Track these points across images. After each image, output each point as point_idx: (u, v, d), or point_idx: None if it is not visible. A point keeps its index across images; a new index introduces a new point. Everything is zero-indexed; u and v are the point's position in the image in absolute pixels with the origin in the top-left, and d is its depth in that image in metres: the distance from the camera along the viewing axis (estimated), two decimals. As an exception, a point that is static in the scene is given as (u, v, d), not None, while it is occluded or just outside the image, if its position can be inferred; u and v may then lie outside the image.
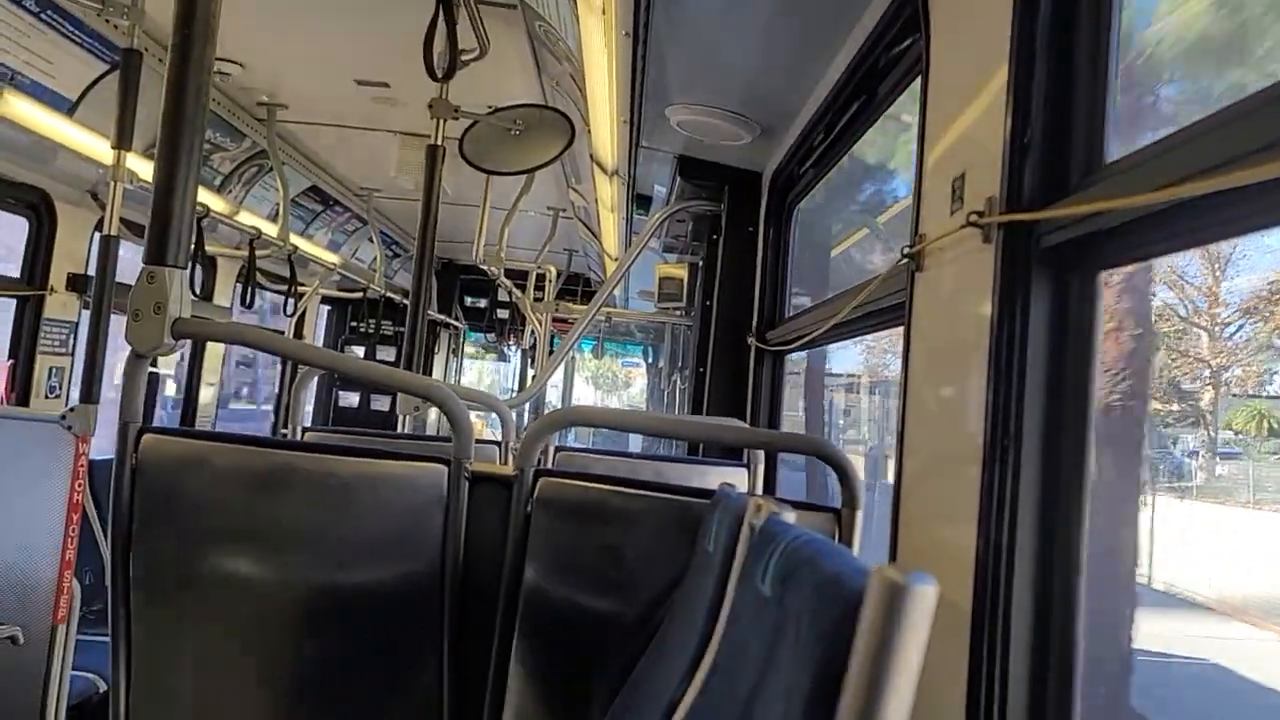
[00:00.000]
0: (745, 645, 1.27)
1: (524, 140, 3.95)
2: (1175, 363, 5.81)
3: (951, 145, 1.91)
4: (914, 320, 2.02)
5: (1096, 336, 1.55)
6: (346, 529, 2.23)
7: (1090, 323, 1.55)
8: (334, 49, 4.33)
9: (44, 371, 4.68)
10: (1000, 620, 1.52)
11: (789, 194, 4.29)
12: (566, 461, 3.71)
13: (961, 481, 1.65)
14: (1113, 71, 1.57)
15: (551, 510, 2.28)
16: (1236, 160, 1.07)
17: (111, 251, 3.43)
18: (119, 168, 3.38)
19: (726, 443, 3.93)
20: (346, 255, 8.16)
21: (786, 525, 1.36)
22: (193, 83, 2.07)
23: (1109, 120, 1.55)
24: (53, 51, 3.71)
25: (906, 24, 2.49)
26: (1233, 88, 1.63)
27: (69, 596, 3.08)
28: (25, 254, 4.68)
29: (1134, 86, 1.88)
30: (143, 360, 2.17)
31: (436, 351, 10.93)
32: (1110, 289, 2.05)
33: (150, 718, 2.30)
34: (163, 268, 2.07)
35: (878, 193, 4.62)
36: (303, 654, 2.28)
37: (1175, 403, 6.00)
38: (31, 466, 3.07)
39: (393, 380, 2.72)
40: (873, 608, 0.83)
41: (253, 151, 5.62)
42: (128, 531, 2.22)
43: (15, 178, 4.39)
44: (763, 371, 4.41)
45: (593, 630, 2.25)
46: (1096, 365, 1.55)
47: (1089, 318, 1.55)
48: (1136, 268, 2.31)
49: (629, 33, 2.73)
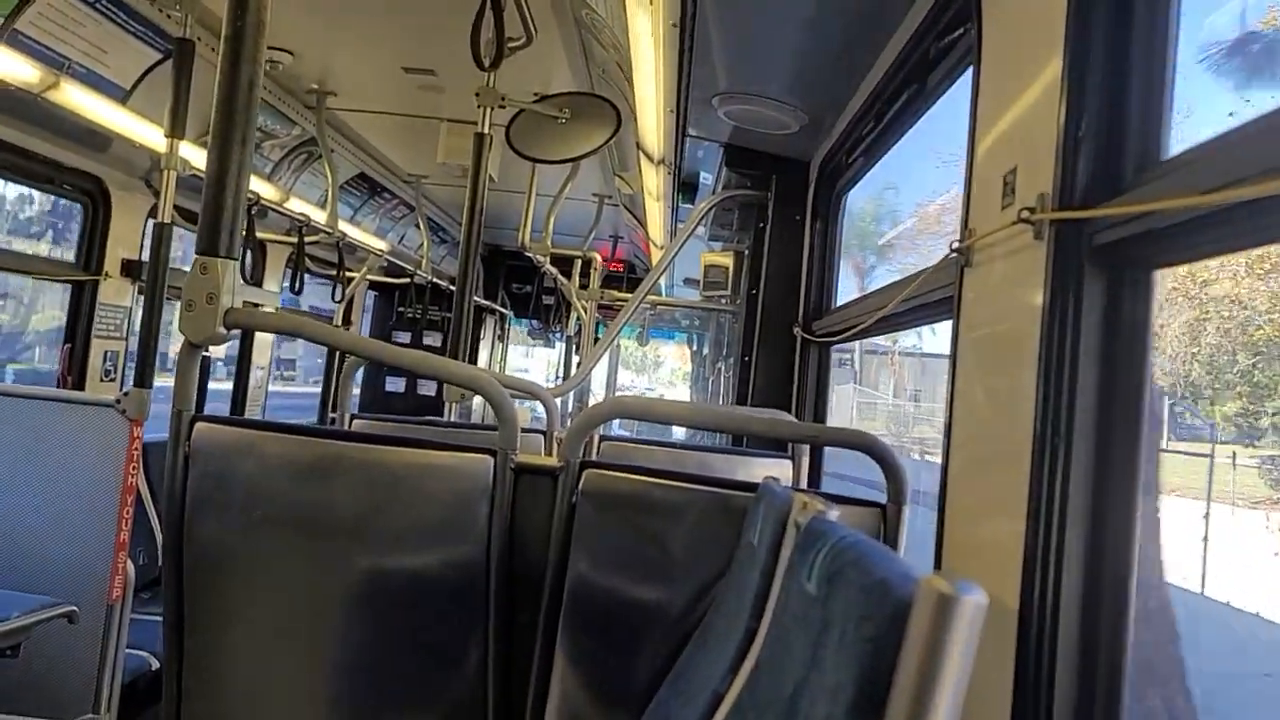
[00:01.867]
0: (790, 643, 1.27)
1: (570, 128, 3.94)
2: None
3: (1003, 138, 1.89)
4: (963, 315, 2.00)
5: (1150, 335, 1.53)
6: (393, 518, 2.26)
7: (1144, 321, 1.52)
8: (383, 37, 4.35)
9: (99, 356, 4.77)
10: (1049, 620, 1.50)
11: (837, 183, 4.25)
12: (611, 452, 3.72)
13: (1010, 479, 1.63)
14: (1171, 63, 1.53)
15: (596, 502, 2.29)
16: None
17: (165, 238, 3.48)
18: (172, 155, 3.42)
19: (770, 436, 3.92)
20: (394, 241, 8.22)
21: (832, 524, 1.36)
22: (244, 76, 2.09)
23: (1166, 114, 1.52)
24: (108, 40, 3.76)
25: (959, 13, 2.46)
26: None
27: (123, 576, 3.14)
28: (80, 240, 4.77)
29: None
30: (196, 350, 2.21)
31: (482, 337, 10.99)
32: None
33: (201, 696, 2.35)
34: (215, 259, 2.10)
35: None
36: (349, 638, 2.32)
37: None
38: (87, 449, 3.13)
39: (438, 370, 2.74)
40: (921, 617, 0.83)
41: (302, 139, 5.67)
42: (180, 515, 2.27)
43: (71, 164, 4.47)
44: (809, 362, 4.39)
45: (637, 621, 2.25)
46: (1150, 364, 1.53)
47: (1143, 316, 1.52)
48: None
49: (676, 24, 2.72)
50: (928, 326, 3.57)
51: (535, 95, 3.95)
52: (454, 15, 3.60)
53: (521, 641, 2.33)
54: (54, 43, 3.52)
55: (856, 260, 17.61)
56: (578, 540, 2.29)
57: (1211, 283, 4.63)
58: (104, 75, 3.87)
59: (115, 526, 3.10)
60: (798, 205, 4.60)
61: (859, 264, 18.81)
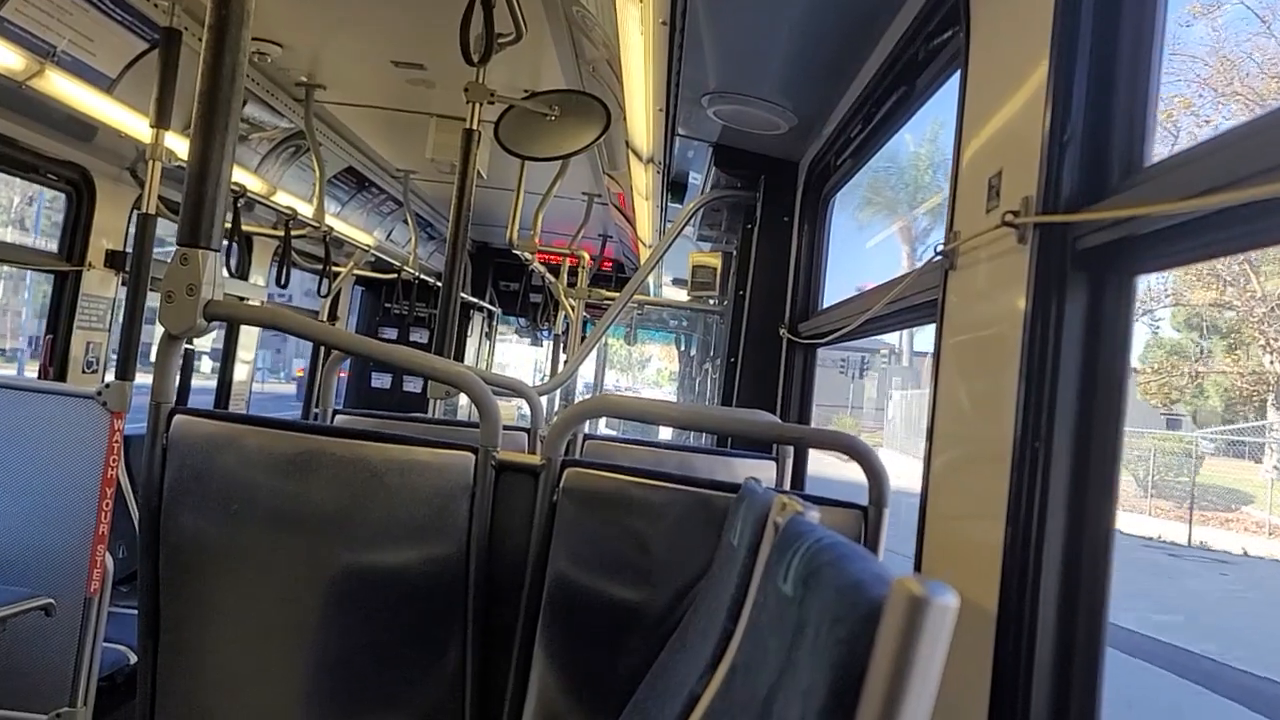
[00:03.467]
0: (766, 644, 1.27)
1: (559, 126, 3.94)
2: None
3: (989, 141, 1.89)
4: (946, 318, 2.00)
5: (1130, 340, 1.53)
6: (374, 513, 2.25)
7: (1125, 326, 1.53)
8: (372, 30, 4.34)
9: (81, 347, 4.74)
10: (1026, 622, 1.50)
11: (825, 184, 4.25)
12: (595, 451, 3.71)
13: (990, 481, 1.64)
14: (1155, 70, 1.53)
15: (578, 500, 2.29)
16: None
17: (149, 229, 3.46)
18: (157, 146, 3.41)
19: (754, 437, 3.92)
20: (381, 237, 8.20)
21: (810, 525, 1.35)
22: (228, 65, 2.08)
23: (1150, 120, 1.52)
24: (94, 29, 3.74)
25: (947, 16, 2.46)
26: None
27: (101, 570, 3.13)
28: (64, 230, 4.74)
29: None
30: (175, 341, 2.19)
31: (469, 335, 10.97)
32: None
33: (177, 691, 2.33)
34: (196, 249, 2.08)
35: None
36: (328, 634, 2.30)
37: None
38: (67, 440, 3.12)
39: (423, 367, 2.74)
40: (893, 619, 0.83)
41: (290, 131, 5.65)
42: (158, 509, 2.25)
43: (55, 154, 4.44)
44: (794, 363, 4.39)
45: (617, 620, 2.25)
46: (1129, 369, 1.53)
47: (1124, 321, 1.53)
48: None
49: (666, 21, 2.71)
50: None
51: (525, 92, 3.95)
52: (444, 10, 3.59)
53: (500, 640, 2.32)
54: (40, 30, 3.50)
55: (906, 222, 17.22)
56: (558, 538, 2.29)
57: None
58: (90, 64, 3.84)
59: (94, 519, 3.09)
60: (786, 206, 4.60)
61: (908, 227, 18.51)
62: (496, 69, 3.66)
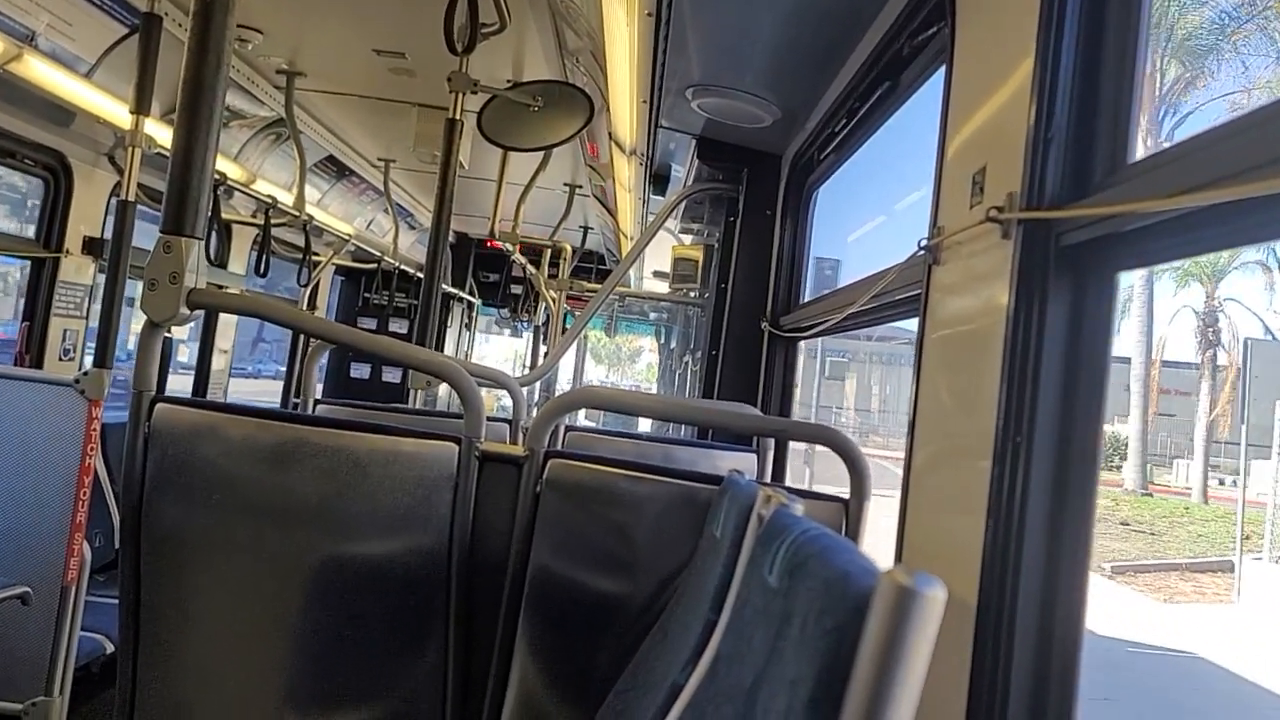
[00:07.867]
0: (750, 635, 1.28)
1: (542, 116, 3.93)
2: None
3: (973, 137, 1.90)
4: (929, 312, 2.01)
5: (1111, 336, 1.55)
6: (356, 503, 2.25)
7: (1107, 322, 1.54)
8: (354, 18, 4.30)
9: (58, 334, 4.70)
10: (1005, 616, 1.51)
11: (808, 178, 4.26)
12: (577, 442, 3.71)
13: (972, 475, 1.65)
14: (1139, 68, 1.55)
15: (561, 491, 2.29)
16: (1263, 167, 1.06)
17: (129, 216, 3.43)
18: (137, 132, 3.37)
19: (737, 429, 3.94)
20: (361, 226, 8.15)
21: (795, 517, 1.36)
22: (213, 51, 2.06)
23: (1134, 118, 1.53)
24: (73, 13, 3.70)
25: (932, 11, 2.47)
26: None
27: (79, 558, 3.11)
28: (41, 216, 4.69)
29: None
30: (157, 329, 2.18)
31: (449, 325, 10.93)
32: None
33: (156, 680, 2.32)
34: (179, 238, 2.07)
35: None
36: (308, 624, 2.30)
37: None
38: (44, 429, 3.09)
39: (406, 357, 2.73)
40: (881, 610, 0.83)
41: (271, 119, 5.60)
42: (139, 497, 2.24)
43: (33, 139, 4.40)
44: (775, 357, 4.40)
45: (599, 610, 2.26)
46: (1109, 365, 1.55)
47: (1106, 317, 1.54)
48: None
49: (651, 13, 2.71)
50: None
51: (508, 82, 3.94)
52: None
53: (482, 630, 2.32)
54: (18, 14, 3.45)
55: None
56: (541, 530, 2.29)
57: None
58: (68, 49, 3.80)
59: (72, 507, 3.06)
60: (769, 200, 4.61)
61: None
62: (479, 59, 3.65)
